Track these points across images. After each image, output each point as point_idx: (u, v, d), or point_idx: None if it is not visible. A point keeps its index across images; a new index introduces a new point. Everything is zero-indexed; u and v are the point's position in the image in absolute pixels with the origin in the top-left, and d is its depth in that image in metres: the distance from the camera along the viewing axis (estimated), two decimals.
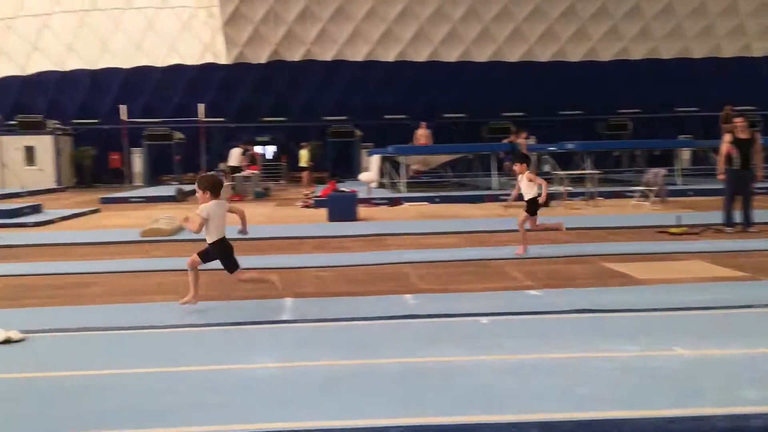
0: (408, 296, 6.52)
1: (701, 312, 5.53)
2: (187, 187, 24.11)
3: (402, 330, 5.15)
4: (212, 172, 6.92)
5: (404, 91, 29.77)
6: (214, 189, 5.91)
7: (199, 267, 6.05)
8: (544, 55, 31.05)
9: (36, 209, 15.81)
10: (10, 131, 28.91)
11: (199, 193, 5.94)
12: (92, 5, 29.74)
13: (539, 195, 8.81)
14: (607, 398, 3.60)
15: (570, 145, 20.57)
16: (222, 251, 5.91)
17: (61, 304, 6.53)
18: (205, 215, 5.76)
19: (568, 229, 9.43)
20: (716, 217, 11.41)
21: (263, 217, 15.22)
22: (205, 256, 5.99)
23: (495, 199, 17.21)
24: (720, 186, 11.59)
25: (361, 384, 3.94)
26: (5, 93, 31.07)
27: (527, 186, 8.76)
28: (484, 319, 5.34)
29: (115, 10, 29.86)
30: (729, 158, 10.80)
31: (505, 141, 21.11)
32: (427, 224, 12.73)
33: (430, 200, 17.74)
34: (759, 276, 7.20)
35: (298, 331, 5.21)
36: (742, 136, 10.77)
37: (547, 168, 21.46)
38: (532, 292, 6.56)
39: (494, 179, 19.64)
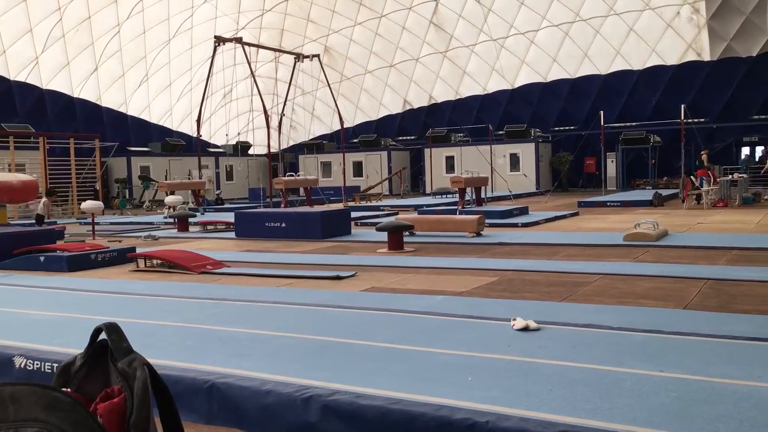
0: None
1: None
2: (664, 192, 23.33)
3: None
4: None
5: None
6: None
7: None
8: None
9: (523, 211, 17.19)
10: (499, 140, 32.08)
11: None
12: (575, 17, 31.01)
13: None
14: None
15: None
16: None
17: (558, 300, 6.90)
18: None
19: None
20: None
21: (755, 226, 13.75)
22: None
23: None
24: None
25: None
26: (496, 105, 34.64)
27: None
28: None
29: (597, 19, 30.58)
30: None
31: None
32: None
33: None
34: None
35: None
36: None
37: None
38: None
39: None
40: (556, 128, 33.21)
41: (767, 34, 27.62)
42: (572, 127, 32.46)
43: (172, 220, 18.28)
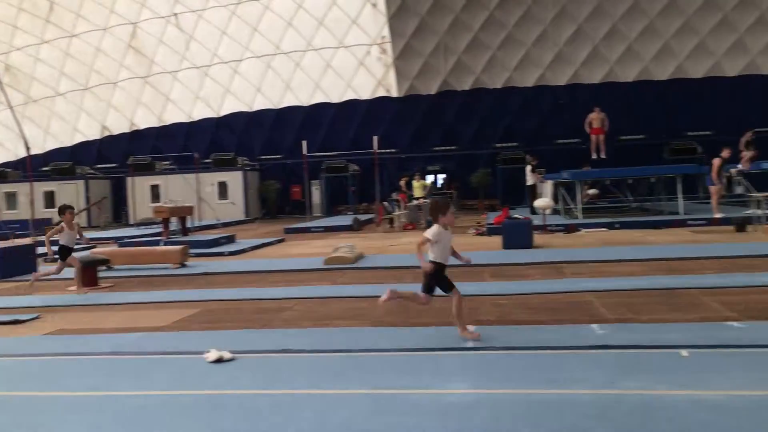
0: (594, 326, 6.26)
1: None
2: (363, 217, 25.00)
3: (594, 360, 4.96)
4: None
5: (578, 115, 28.99)
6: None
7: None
8: (734, 70, 28.88)
9: (230, 239, 17.13)
10: (206, 168, 31.67)
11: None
12: (276, 50, 32.00)
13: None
14: None
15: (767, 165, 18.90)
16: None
17: (258, 328, 6.98)
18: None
19: None
20: None
21: None
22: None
23: (682, 224, 16.39)
24: None
25: (558, 415, 3.84)
26: (202, 133, 34.17)
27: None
28: (684, 352, 5.01)
29: (297, 53, 31.91)
30: None
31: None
32: (606, 251, 12.20)
33: (609, 226, 17.01)
34: None
35: (485, 358, 5.18)
36: None
37: (740, 190, 19.85)
38: (735, 324, 6.05)
39: (681, 203, 18.36)
40: (263, 157, 33.77)
41: (443, 74, 31.31)
42: (278, 156, 33.30)
43: None
